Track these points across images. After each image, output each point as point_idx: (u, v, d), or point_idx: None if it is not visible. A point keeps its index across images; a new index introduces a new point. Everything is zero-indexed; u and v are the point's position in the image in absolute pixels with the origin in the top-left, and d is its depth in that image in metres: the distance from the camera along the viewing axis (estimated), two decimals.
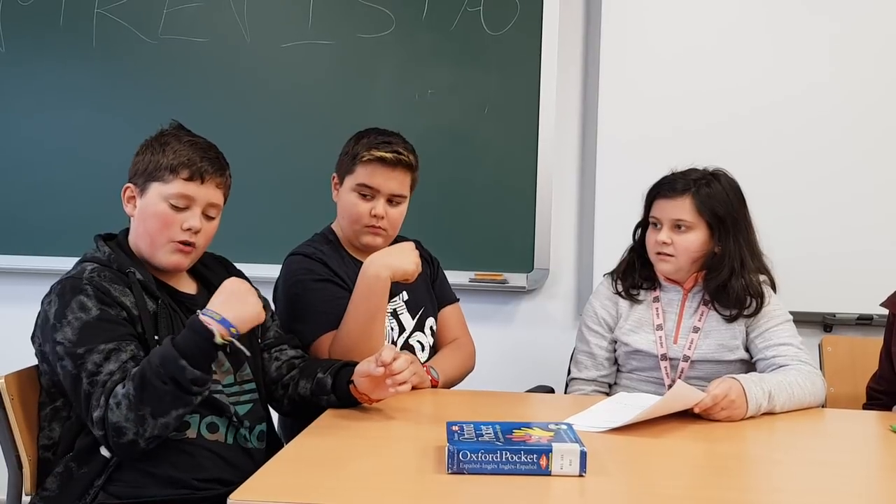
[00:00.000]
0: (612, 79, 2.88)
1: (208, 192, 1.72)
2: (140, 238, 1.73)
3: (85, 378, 1.55)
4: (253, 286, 1.73)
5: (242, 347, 1.62)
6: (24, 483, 1.65)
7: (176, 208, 1.69)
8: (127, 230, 1.78)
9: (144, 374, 1.52)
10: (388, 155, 2.05)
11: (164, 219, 1.69)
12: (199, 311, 1.60)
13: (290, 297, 2.07)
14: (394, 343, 2.11)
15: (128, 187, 1.74)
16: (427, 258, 2.32)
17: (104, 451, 1.60)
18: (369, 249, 2.10)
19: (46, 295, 1.64)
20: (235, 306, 1.60)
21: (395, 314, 2.12)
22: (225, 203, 1.81)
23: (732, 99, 2.82)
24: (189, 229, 1.70)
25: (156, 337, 1.63)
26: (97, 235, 1.76)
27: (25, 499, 1.67)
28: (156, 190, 1.70)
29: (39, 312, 1.64)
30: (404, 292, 2.16)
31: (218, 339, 1.55)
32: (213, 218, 1.76)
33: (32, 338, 1.67)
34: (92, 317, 1.58)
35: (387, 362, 1.65)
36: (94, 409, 1.54)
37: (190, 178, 1.70)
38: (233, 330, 1.58)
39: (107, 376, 1.54)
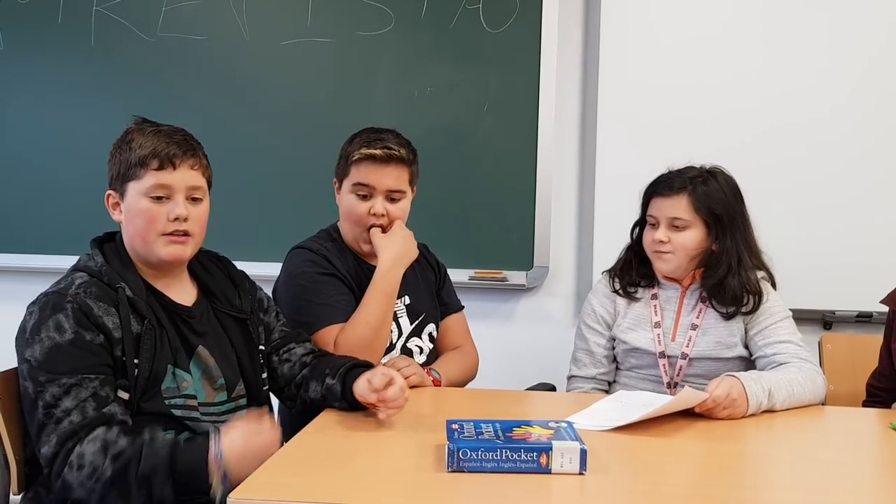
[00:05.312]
0: (611, 76, 2.87)
1: (184, 176, 1.67)
2: (133, 240, 1.68)
3: (41, 408, 1.51)
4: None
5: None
6: (11, 483, 1.61)
7: (157, 200, 1.65)
8: None
9: (127, 470, 1.46)
10: (378, 152, 2.04)
11: (148, 215, 1.65)
12: (219, 449, 1.48)
13: (293, 288, 2.06)
14: (392, 347, 2.10)
15: (109, 195, 1.70)
16: (433, 265, 2.32)
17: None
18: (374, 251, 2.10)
19: (32, 302, 1.59)
20: (248, 468, 1.41)
21: (394, 317, 2.10)
22: (211, 185, 1.75)
23: (732, 97, 2.81)
24: (176, 218, 1.65)
25: (135, 361, 1.57)
26: (93, 240, 1.71)
27: (15, 499, 1.63)
28: (133, 189, 1.65)
29: (24, 317, 1.59)
30: (406, 297, 2.16)
31: (213, 492, 1.47)
32: (199, 200, 1.71)
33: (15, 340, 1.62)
34: (65, 340, 1.53)
35: (378, 388, 1.65)
36: (43, 444, 1.50)
37: (161, 167, 1.64)
38: (224, 486, 1.46)
39: (63, 413, 1.49)
